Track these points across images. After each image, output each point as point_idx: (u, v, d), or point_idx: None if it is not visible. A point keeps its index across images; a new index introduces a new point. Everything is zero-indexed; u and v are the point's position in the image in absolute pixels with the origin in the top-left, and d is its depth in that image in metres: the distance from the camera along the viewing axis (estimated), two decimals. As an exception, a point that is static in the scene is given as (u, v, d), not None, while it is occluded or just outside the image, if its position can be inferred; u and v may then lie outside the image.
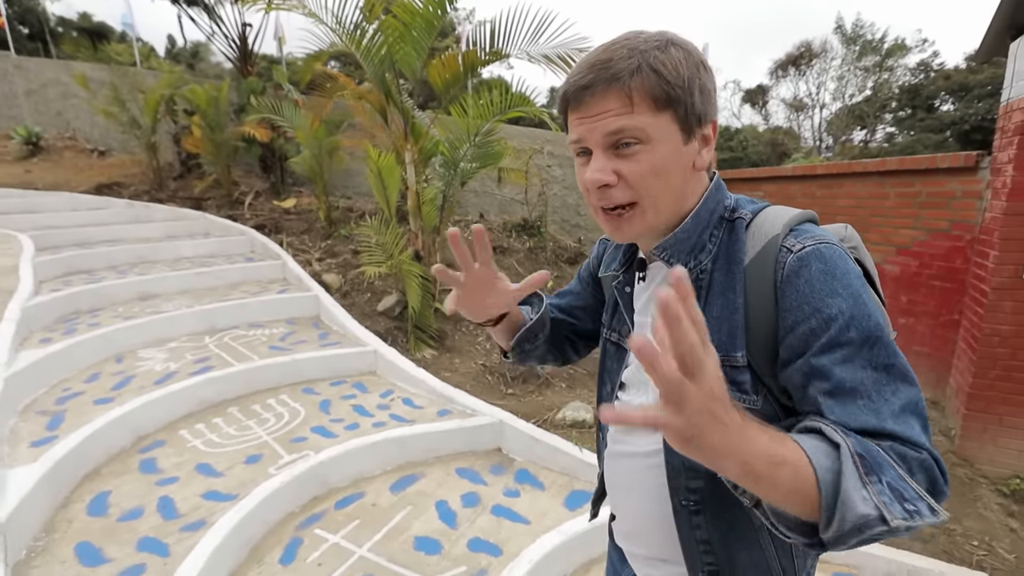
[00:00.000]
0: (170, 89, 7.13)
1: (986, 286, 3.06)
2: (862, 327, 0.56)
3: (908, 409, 0.54)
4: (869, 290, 0.60)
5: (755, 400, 0.63)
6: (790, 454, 0.48)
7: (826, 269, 0.58)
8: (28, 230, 5.30)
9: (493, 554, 1.97)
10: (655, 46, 0.60)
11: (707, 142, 0.65)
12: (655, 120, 0.60)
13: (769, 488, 0.48)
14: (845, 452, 0.49)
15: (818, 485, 0.47)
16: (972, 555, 2.50)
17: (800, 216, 0.66)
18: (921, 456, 0.52)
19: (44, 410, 2.59)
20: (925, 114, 20.90)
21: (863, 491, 0.46)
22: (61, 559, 1.78)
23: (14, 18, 19.94)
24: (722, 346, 0.63)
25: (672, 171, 0.63)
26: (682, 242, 0.67)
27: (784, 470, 0.47)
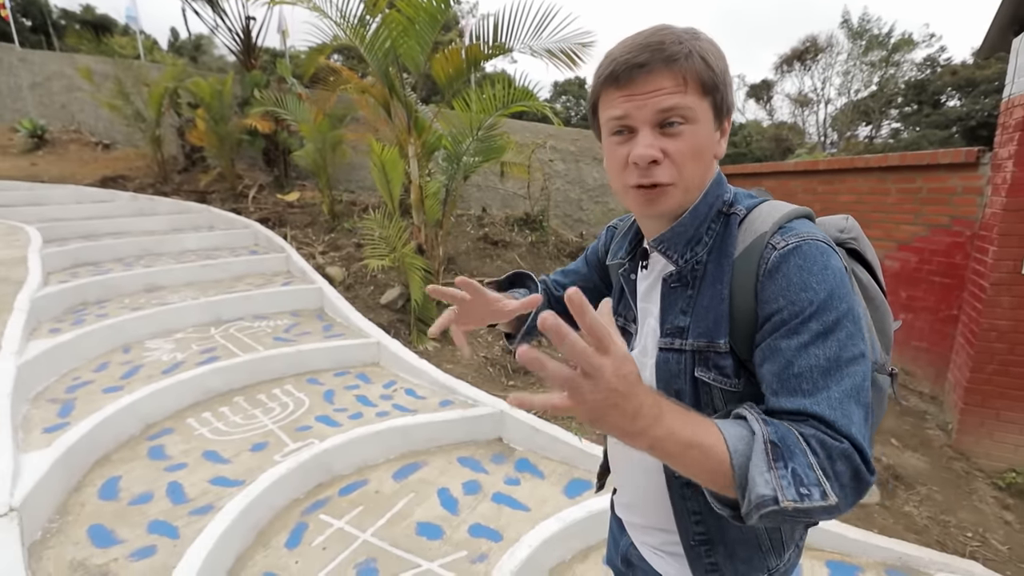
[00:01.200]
0: (174, 82, 7.15)
1: (985, 282, 3.08)
2: (824, 320, 0.59)
3: (848, 396, 0.57)
4: (846, 283, 0.62)
5: (736, 383, 0.67)
6: (704, 438, 0.53)
7: (803, 265, 0.61)
8: (35, 222, 5.36)
9: (493, 539, 2.02)
10: (694, 36, 0.64)
11: (724, 133, 0.69)
12: (700, 103, 0.64)
13: (681, 465, 0.54)
14: (758, 439, 0.54)
15: (731, 466, 0.53)
16: (966, 546, 2.54)
17: (792, 213, 0.68)
18: (842, 445, 0.54)
19: (55, 398, 2.65)
20: (931, 110, 20.77)
21: (766, 475, 0.52)
22: (75, 540, 1.83)
23: (16, 10, 19.95)
24: (708, 332, 0.68)
25: (705, 155, 0.67)
26: (679, 235, 0.71)
27: (693, 451, 0.53)
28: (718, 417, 0.60)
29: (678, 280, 0.72)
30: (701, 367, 0.69)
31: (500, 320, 0.88)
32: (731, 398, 0.68)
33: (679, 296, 0.72)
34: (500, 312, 0.85)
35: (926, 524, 2.64)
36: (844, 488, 0.54)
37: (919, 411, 3.77)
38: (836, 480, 0.53)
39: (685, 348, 0.70)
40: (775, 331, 0.61)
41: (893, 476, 2.94)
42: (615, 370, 0.47)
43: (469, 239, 6.09)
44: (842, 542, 2.09)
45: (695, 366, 0.69)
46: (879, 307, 0.77)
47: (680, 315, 0.71)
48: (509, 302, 0.86)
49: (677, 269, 0.72)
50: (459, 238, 6.05)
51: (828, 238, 0.65)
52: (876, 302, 0.77)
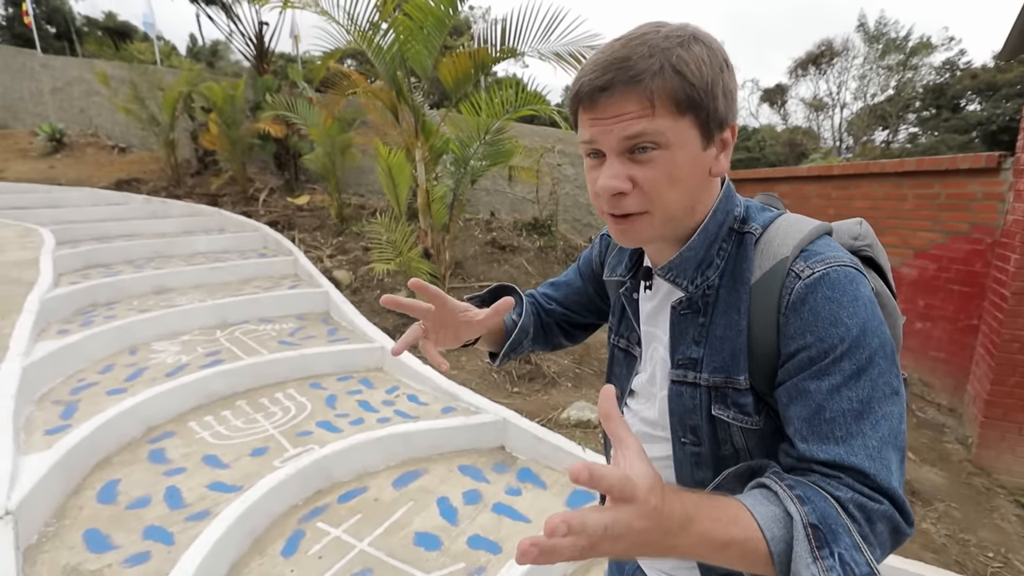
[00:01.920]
0: (188, 87, 7.26)
1: (1006, 291, 2.98)
2: (857, 358, 0.54)
3: (885, 443, 0.53)
4: (878, 314, 0.57)
5: (757, 420, 0.62)
6: (738, 532, 0.49)
7: (832, 296, 0.55)
8: (49, 224, 5.44)
9: (492, 551, 1.97)
10: (678, 43, 0.55)
11: (725, 147, 0.61)
12: (675, 124, 0.56)
13: (718, 563, 0.50)
14: (798, 524, 0.49)
15: (771, 558, 0.49)
16: (987, 567, 2.44)
17: (813, 233, 0.61)
18: (882, 508, 0.51)
19: (59, 399, 2.66)
20: (950, 114, 20.40)
21: (812, 567, 0.47)
22: (70, 545, 1.82)
23: (41, 17, 20.50)
24: (724, 367, 0.62)
25: (688, 180, 0.59)
26: (688, 260, 0.65)
27: (731, 550, 0.49)
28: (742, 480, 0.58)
29: (688, 307, 0.66)
30: (719, 405, 0.63)
31: (473, 333, 0.78)
32: (751, 436, 0.63)
33: (690, 324, 0.66)
34: (471, 323, 0.76)
35: (944, 543, 2.54)
36: (882, 547, 0.51)
37: (937, 424, 3.66)
38: (877, 546, 0.50)
39: (700, 383, 0.64)
40: (802, 370, 0.56)
41: (910, 492, 2.84)
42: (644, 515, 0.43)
43: (477, 243, 6.07)
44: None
45: (712, 403, 0.64)
46: (891, 313, 0.72)
47: (693, 345, 0.65)
48: (478, 310, 0.77)
49: (687, 295, 0.66)
50: (467, 242, 6.04)
51: (855, 261, 0.59)
52: (888, 309, 0.72)
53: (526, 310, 0.91)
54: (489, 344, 0.88)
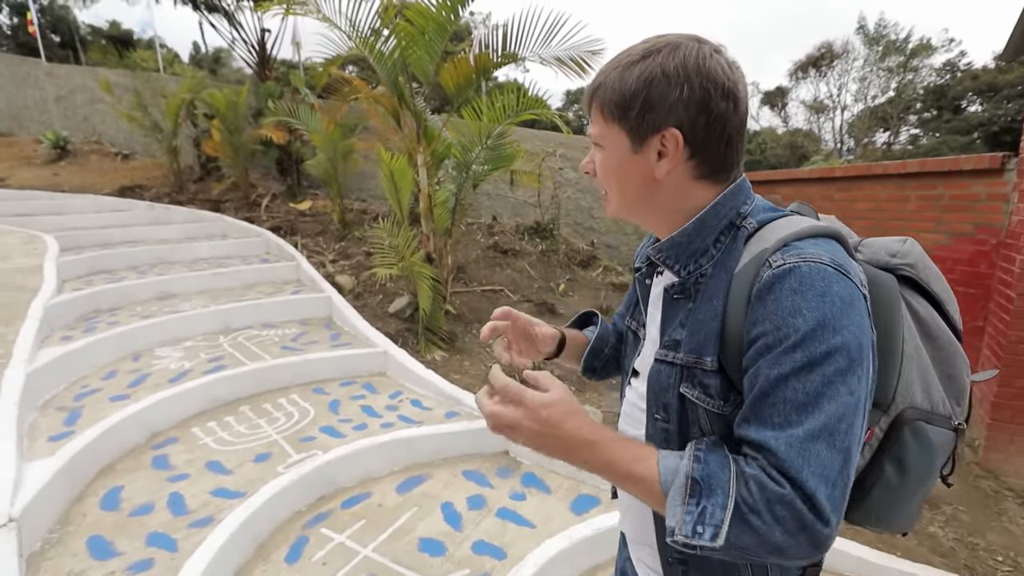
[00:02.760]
0: (191, 94, 7.30)
1: (1012, 292, 2.96)
2: (810, 351, 0.54)
3: (814, 437, 0.53)
4: (852, 315, 0.55)
5: (720, 404, 0.63)
6: (640, 471, 0.59)
7: (798, 288, 0.56)
8: (53, 231, 5.47)
9: (497, 557, 1.96)
10: (627, 62, 0.64)
11: (665, 154, 0.64)
12: (606, 129, 0.67)
13: (629, 490, 0.62)
14: (681, 474, 0.57)
15: (664, 496, 0.57)
16: (996, 570, 2.41)
17: (807, 231, 0.61)
18: (782, 491, 0.52)
19: (62, 406, 2.66)
20: (951, 115, 20.38)
21: (677, 508, 0.55)
22: (73, 552, 1.81)
23: (46, 26, 20.67)
24: (696, 349, 0.65)
25: (622, 175, 0.68)
26: (679, 246, 0.69)
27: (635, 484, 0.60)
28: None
29: (680, 291, 0.70)
30: (687, 383, 0.66)
31: (547, 344, 0.91)
32: (716, 420, 0.64)
33: (680, 308, 0.70)
34: (539, 336, 0.90)
35: (953, 546, 2.51)
36: (791, 535, 0.52)
37: (943, 426, 3.63)
38: (772, 524, 0.52)
39: (676, 362, 0.68)
40: (758, 357, 0.57)
41: (917, 495, 2.81)
42: (529, 416, 0.60)
43: (479, 248, 6.07)
44: (861, 565, 1.99)
45: (681, 381, 0.67)
46: (944, 347, 0.71)
47: (678, 327, 0.69)
48: (542, 323, 0.91)
49: (680, 280, 0.70)
50: (469, 247, 6.04)
51: (842, 261, 0.58)
52: (940, 341, 0.70)
53: (602, 322, 1.00)
54: (571, 359, 0.97)
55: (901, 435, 0.66)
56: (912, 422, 0.66)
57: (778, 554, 0.53)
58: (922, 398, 0.67)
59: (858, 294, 0.58)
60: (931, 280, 0.72)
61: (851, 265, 0.60)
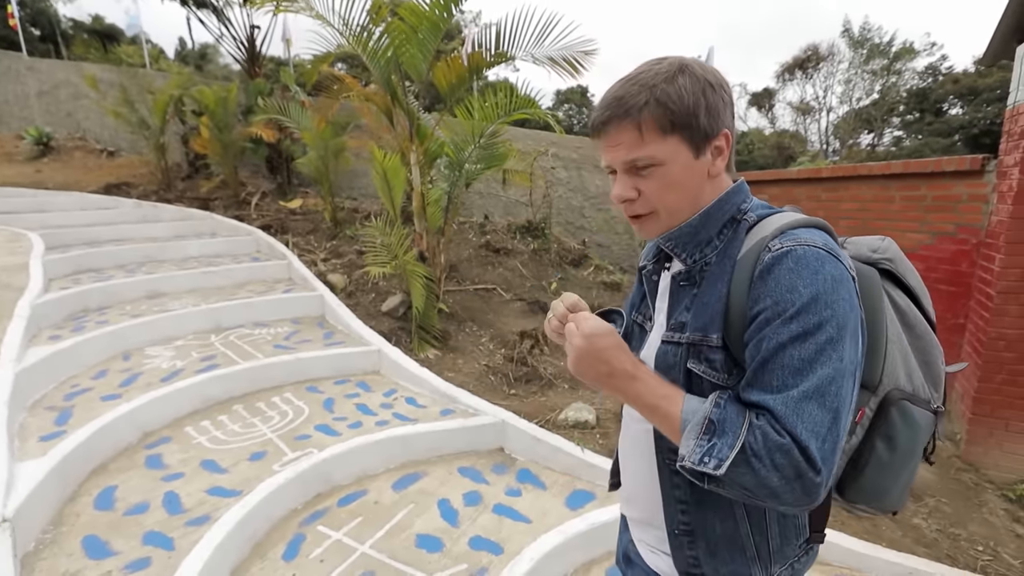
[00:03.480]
0: (179, 90, 7.21)
1: (992, 290, 3.05)
2: (805, 321, 0.61)
3: (807, 397, 0.60)
4: (842, 293, 0.62)
5: (725, 378, 0.70)
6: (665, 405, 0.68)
7: (794, 268, 0.63)
8: (38, 229, 5.37)
9: (494, 552, 1.98)
10: (664, 79, 0.68)
11: (720, 152, 0.72)
12: (664, 145, 0.69)
13: (650, 416, 0.70)
14: (700, 414, 0.64)
15: (680, 431, 0.65)
16: (976, 560, 2.49)
17: (800, 222, 0.69)
18: (782, 440, 0.58)
19: (53, 406, 2.63)
20: (933, 118, 20.79)
21: (690, 441, 0.63)
22: (68, 551, 1.80)
23: (26, 20, 20.19)
24: (703, 327, 0.71)
25: (685, 184, 0.72)
26: (686, 235, 0.75)
27: (657, 413, 0.69)
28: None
29: (686, 279, 0.76)
30: (693, 359, 0.72)
31: None
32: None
33: (685, 294, 0.76)
34: None
35: (935, 537, 2.59)
36: (787, 481, 0.58)
37: (926, 421, 3.72)
38: (771, 468, 0.58)
39: (682, 341, 0.74)
40: (760, 329, 0.64)
41: (901, 488, 2.89)
42: (585, 342, 0.70)
43: (471, 246, 6.08)
44: (849, 556, 2.05)
45: (688, 358, 0.73)
46: (921, 335, 0.77)
47: (684, 311, 0.75)
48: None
49: (686, 268, 0.76)
50: (461, 245, 6.04)
51: (833, 247, 0.66)
52: (917, 330, 0.77)
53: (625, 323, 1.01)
54: None
55: (889, 414, 0.72)
56: (898, 401, 0.72)
57: (774, 498, 0.59)
58: (905, 380, 0.73)
59: (847, 275, 0.65)
60: (907, 274, 0.78)
61: (840, 251, 0.67)
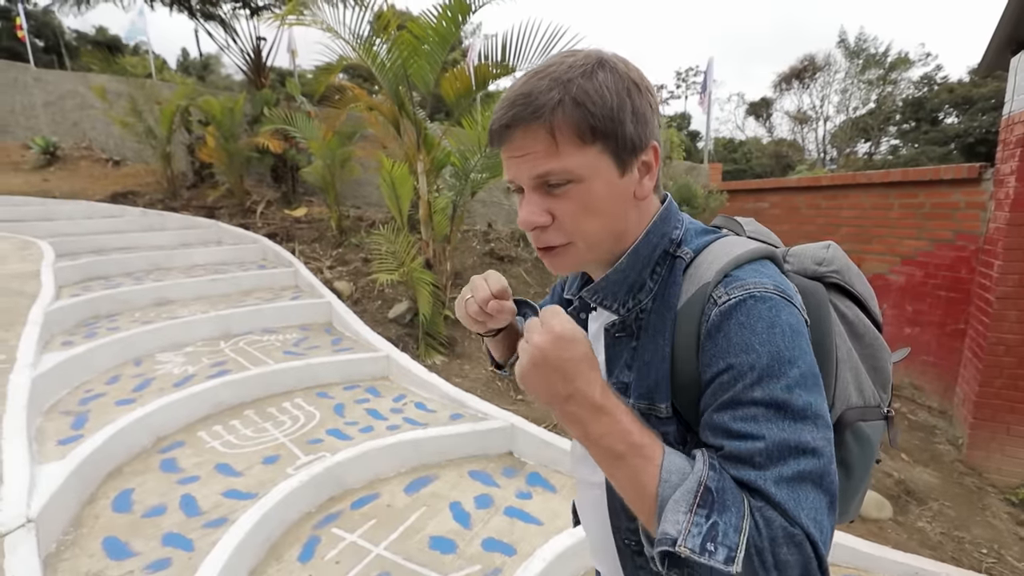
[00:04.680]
0: (186, 100, 7.30)
1: (991, 295, 3.11)
2: (768, 388, 0.50)
3: (803, 478, 0.48)
4: (799, 343, 0.53)
5: (680, 449, 0.57)
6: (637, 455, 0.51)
7: (746, 323, 0.53)
8: (46, 237, 5.42)
9: (507, 553, 2.01)
10: (580, 72, 0.55)
11: (648, 169, 0.60)
12: (583, 157, 0.56)
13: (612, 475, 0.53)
14: (694, 477, 0.49)
15: (656, 495, 0.49)
16: (981, 562, 2.52)
17: (742, 258, 0.58)
18: (794, 530, 0.46)
19: (68, 410, 2.66)
20: (929, 127, 21.00)
21: (680, 515, 0.47)
22: (89, 552, 1.83)
23: (31, 31, 20.41)
24: (648, 395, 0.61)
25: (607, 207, 0.59)
26: (615, 284, 0.63)
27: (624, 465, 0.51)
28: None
29: (622, 330, 0.65)
30: None
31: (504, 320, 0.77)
32: None
33: (624, 347, 0.65)
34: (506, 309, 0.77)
35: (940, 540, 2.62)
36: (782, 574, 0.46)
37: (928, 426, 3.76)
38: (778, 570, 0.45)
39: None
40: (715, 400, 0.53)
41: (905, 491, 2.93)
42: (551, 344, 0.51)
43: (475, 254, 6.14)
44: (857, 556, 2.08)
45: None
46: (870, 343, 0.72)
47: (625, 369, 0.64)
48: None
49: (620, 318, 0.64)
50: (465, 253, 6.10)
51: (783, 285, 0.56)
52: (866, 339, 0.71)
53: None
54: (504, 345, 0.86)
55: (843, 439, 0.65)
56: (852, 424, 0.65)
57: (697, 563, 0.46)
58: (856, 396, 0.67)
59: (802, 320, 0.55)
60: (854, 282, 0.72)
61: (790, 288, 0.58)
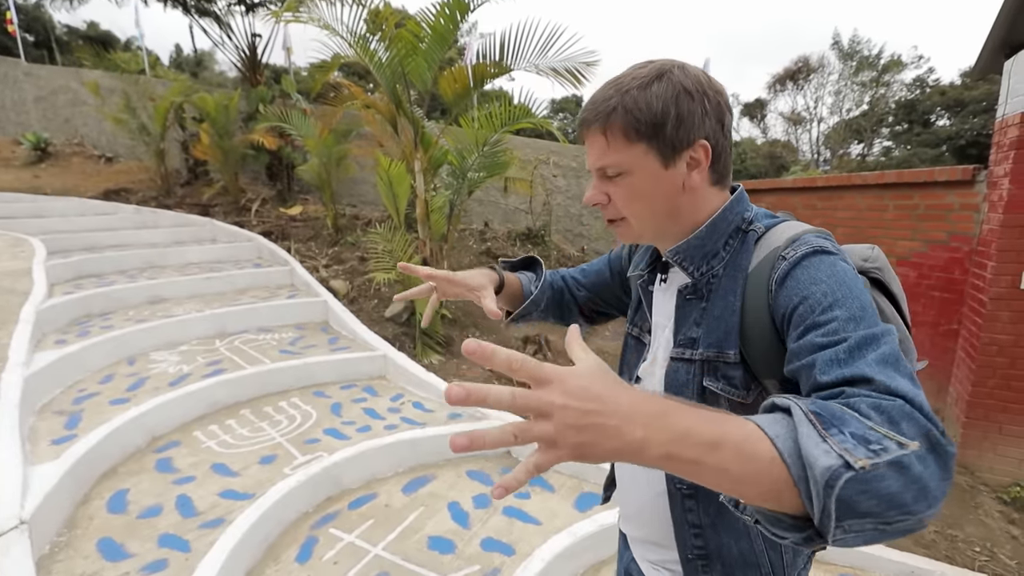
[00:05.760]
0: (181, 97, 7.23)
1: (984, 296, 3.13)
2: (847, 307, 0.56)
3: (886, 362, 0.51)
4: (861, 288, 0.60)
5: (745, 395, 0.67)
6: (733, 430, 0.43)
7: (810, 266, 0.61)
8: (38, 234, 5.36)
9: (506, 553, 2.01)
10: (639, 84, 0.66)
11: (697, 164, 0.68)
12: (628, 153, 0.67)
13: (711, 475, 0.43)
14: (798, 412, 0.45)
15: (779, 452, 0.43)
16: (974, 560, 2.54)
17: (808, 230, 0.67)
18: (898, 403, 0.46)
19: (62, 410, 2.63)
20: (921, 129, 21.17)
21: (823, 444, 0.42)
22: (84, 554, 1.81)
23: (21, 26, 20.14)
24: (717, 343, 0.69)
25: (652, 194, 0.69)
26: (695, 248, 0.72)
27: (722, 452, 0.42)
28: None
29: (693, 292, 0.74)
30: (710, 376, 0.69)
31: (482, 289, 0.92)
32: (739, 411, 0.57)
33: (693, 308, 0.74)
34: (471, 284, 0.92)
35: (934, 539, 2.65)
36: (924, 461, 0.42)
37: (922, 425, 3.79)
38: (915, 459, 0.42)
39: (695, 358, 0.71)
40: (797, 329, 0.59)
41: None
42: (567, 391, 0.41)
43: (472, 253, 6.13)
44: (852, 555, 2.09)
45: (704, 376, 0.70)
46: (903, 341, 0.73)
47: (693, 326, 0.72)
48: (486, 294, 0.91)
49: (693, 281, 0.73)
50: (462, 252, 6.09)
51: (840, 250, 0.65)
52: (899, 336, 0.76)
53: (543, 286, 1.01)
54: (506, 303, 1.00)
55: None
56: None
57: (921, 497, 0.41)
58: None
59: (857, 273, 0.64)
60: (891, 282, 0.77)
61: (844, 253, 0.66)
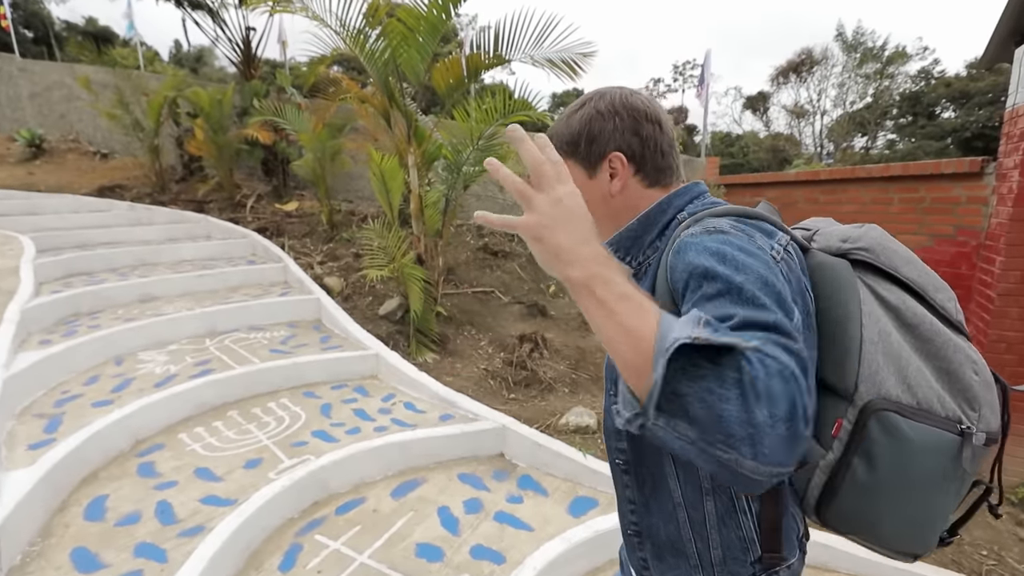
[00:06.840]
0: (174, 91, 7.14)
1: (992, 292, 3.04)
2: (720, 282, 0.55)
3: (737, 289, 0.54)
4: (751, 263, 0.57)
5: None
6: (642, 299, 0.50)
7: (692, 242, 0.62)
8: (29, 232, 5.29)
9: (496, 561, 1.94)
10: (567, 114, 0.81)
11: (616, 172, 0.77)
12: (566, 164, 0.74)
13: (606, 318, 0.50)
14: (693, 314, 0.51)
15: (657, 325, 0.48)
16: (981, 565, 2.47)
17: (723, 211, 0.68)
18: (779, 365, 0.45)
19: (42, 413, 2.56)
20: (926, 121, 20.95)
21: (687, 327, 0.47)
22: (56, 565, 1.75)
23: (19, 22, 20.04)
24: None
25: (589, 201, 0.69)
26: (627, 239, 0.79)
27: (627, 304, 0.49)
28: None
29: (635, 279, 0.78)
30: None
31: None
32: None
33: None
34: None
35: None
36: (775, 419, 0.43)
37: (927, 424, 3.71)
38: (768, 401, 0.43)
39: None
40: (684, 299, 0.60)
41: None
42: (569, 191, 0.54)
43: (469, 249, 6.05)
44: (856, 563, 2.02)
45: None
46: (929, 338, 0.65)
47: None
48: None
49: (633, 271, 0.79)
50: (459, 248, 6.01)
51: (746, 229, 0.63)
52: (921, 330, 0.65)
53: None
54: None
55: (867, 427, 0.62)
56: (878, 412, 0.61)
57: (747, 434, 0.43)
58: (901, 390, 0.62)
59: (760, 251, 0.60)
60: (898, 265, 0.69)
61: (756, 233, 0.63)
